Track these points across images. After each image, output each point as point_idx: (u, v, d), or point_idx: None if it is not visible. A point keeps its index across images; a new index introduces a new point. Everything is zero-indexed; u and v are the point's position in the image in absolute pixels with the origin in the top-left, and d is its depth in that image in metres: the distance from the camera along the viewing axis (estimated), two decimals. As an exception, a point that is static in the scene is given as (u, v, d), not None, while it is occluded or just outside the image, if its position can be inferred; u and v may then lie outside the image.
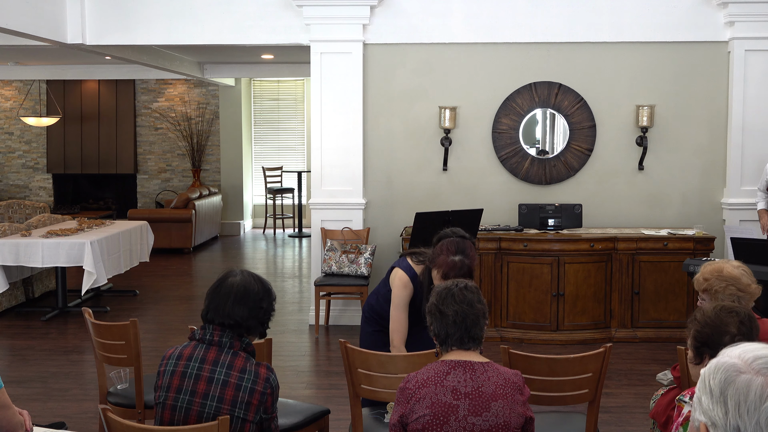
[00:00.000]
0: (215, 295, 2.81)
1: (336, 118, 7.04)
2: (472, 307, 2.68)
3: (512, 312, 6.61)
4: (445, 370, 2.62)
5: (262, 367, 2.77)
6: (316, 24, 6.94)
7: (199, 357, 2.77)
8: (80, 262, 7.21)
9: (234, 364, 2.74)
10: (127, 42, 7.40)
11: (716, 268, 3.46)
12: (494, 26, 6.98)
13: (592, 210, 7.07)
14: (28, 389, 5.46)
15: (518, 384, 2.64)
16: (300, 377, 5.81)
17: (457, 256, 3.48)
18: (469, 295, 2.71)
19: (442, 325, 2.69)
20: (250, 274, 2.87)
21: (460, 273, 3.46)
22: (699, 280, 3.49)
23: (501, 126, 7.07)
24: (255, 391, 2.72)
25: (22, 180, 13.80)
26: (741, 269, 3.45)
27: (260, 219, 13.84)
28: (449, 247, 3.51)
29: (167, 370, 2.80)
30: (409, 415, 2.60)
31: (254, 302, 2.80)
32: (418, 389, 2.61)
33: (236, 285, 2.81)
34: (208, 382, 2.73)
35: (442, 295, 2.72)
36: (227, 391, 2.71)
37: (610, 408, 5.04)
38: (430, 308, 2.74)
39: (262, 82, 13.72)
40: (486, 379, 2.61)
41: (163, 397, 2.79)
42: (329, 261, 6.87)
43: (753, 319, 2.64)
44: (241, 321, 2.78)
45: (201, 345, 2.80)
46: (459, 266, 3.47)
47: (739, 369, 1.42)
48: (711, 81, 6.97)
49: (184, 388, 2.75)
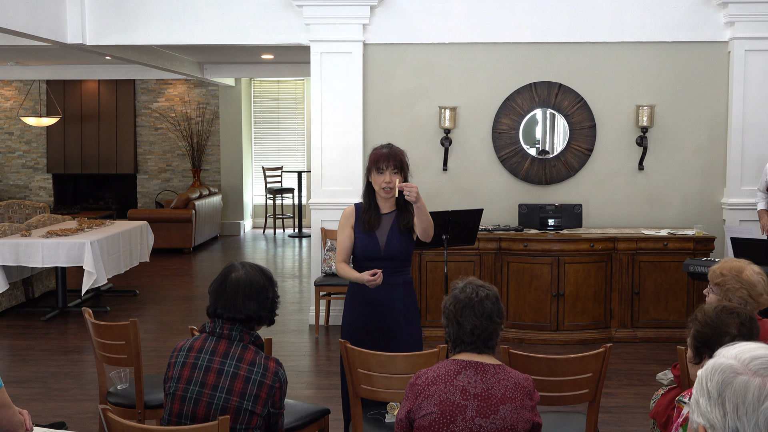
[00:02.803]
0: (221, 292, 2.84)
1: (336, 118, 7.04)
2: (491, 321, 2.64)
3: (512, 312, 6.61)
4: (456, 369, 2.61)
5: (272, 360, 2.81)
6: (316, 24, 6.94)
7: (210, 349, 2.81)
8: (80, 262, 7.21)
9: (244, 357, 2.78)
10: (127, 42, 7.40)
11: (737, 267, 3.41)
12: (494, 26, 6.98)
13: (592, 210, 7.07)
14: (28, 389, 5.46)
15: (528, 389, 2.63)
16: (300, 377, 5.81)
17: (384, 148, 3.88)
18: (489, 306, 2.65)
19: (457, 334, 2.65)
20: (252, 266, 2.90)
21: (390, 157, 3.81)
22: (716, 272, 3.44)
23: (501, 126, 7.07)
24: (264, 384, 2.75)
25: (22, 180, 13.80)
26: (760, 277, 3.40)
27: (260, 219, 13.84)
28: (376, 147, 3.94)
29: (178, 361, 2.83)
30: (417, 411, 2.60)
31: (261, 294, 2.84)
32: (428, 386, 2.60)
33: (242, 280, 2.83)
34: (218, 374, 2.76)
35: (461, 304, 2.66)
36: (236, 383, 2.74)
37: (610, 408, 5.04)
38: (447, 313, 2.69)
39: (262, 82, 13.72)
40: (496, 381, 2.59)
41: (173, 388, 2.82)
42: (329, 261, 6.87)
43: (754, 321, 2.63)
44: (252, 314, 2.82)
45: (211, 338, 2.84)
46: (387, 152, 3.84)
47: (736, 370, 1.42)
48: (711, 81, 6.97)
49: (194, 380, 2.78)
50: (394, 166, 3.81)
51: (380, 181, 3.82)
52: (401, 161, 3.85)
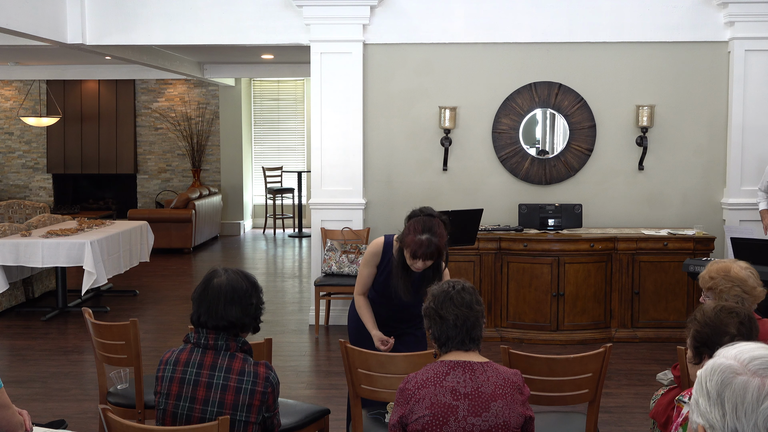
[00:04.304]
0: (203, 299, 2.77)
1: (336, 118, 7.04)
2: (471, 309, 2.69)
3: (512, 312, 6.61)
4: (444, 371, 2.63)
5: (261, 366, 2.76)
6: (316, 24, 6.94)
7: (197, 362, 2.75)
8: (80, 262, 7.21)
9: (232, 367, 2.72)
10: (127, 42, 7.40)
11: (723, 268, 3.43)
12: (494, 26, 6.98)
13: (592, 210, 7.07)
14: (28, 389, 5.46)
15: (518, 383, 2.65)
16: (300, 377, 5.81)
17: (424, 235, 3.49)
18: (467, 297, 2.71)
19: (442, 329, 2.69)
20: (234, 272, 2.84)
21: (428, 251, 3.49)
22: (705, 277, 3.47)
23: (501, 126, 7.07)
24: (256, 392, 2.71)
25: (22, 180, 13.80)
26: (749, 271, 3.42)
27: (260, 219, 13.84)
28: (416, 226, 3.53)
29: (165, 376, 2.78)
30: (409, 416, 2.61)
31: (244, 300, 2.78)
32: (418, 390, 2.61)
33: (224, 286, 2.77)
34: (207, 388, 2.71)
35: (440, 299, 2.71)
36: (227, 396, 2.70)
37: (610, 408, 5.04)
38: (428, 312, 2.73)
39: (262, 82, 13.72)
40: (485, 379, 2.61)
41: (163, 404, 2.77)
42: (329, 261, 6.88)
43: (753, 320, 2.64)
44: (235, 321, 2.76)
45: (197, 349, 2.77)
46: (426, 245, 3.48)
47: (735, 371, 1.42)
48: (711, 81, 6.97)
49: (184, 395, 2.73)
50: (430, 257, 3.53)
51: (411, 263, 3.58)
52: (440, 253, 3.55)
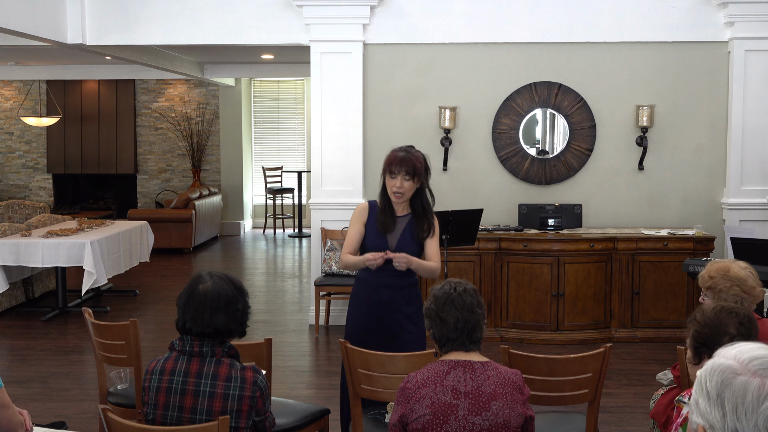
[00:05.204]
0: (189, 306, 2.72)
1: (336, 118, 7.04)
2: (472, 312, 2.68)
3: (512, 312, 6.61)
4: (444, 370, 2.63)
5: (248, 370, 2.70)
6: (316, 24, 6.94)
7: (182, 370, 2.70)
8: (80, 262, 7.21)
9: (219, 374, 2.68)
10: (127, 42, 7.40)
11: (723, 267, 3.44)
12: (494, 26, 6.98)
13: (592, 210, 7.07)
14: (28, 389, 5.46)
15: (518, 383, 2.65)
16: (300, 377, 5.81)
17: (401, 152, 3.76)
18: (468, 299, 2.70)
19: (442, 331, 2.69)
20: (220, 277, 2.78)
21: (404, 164, 3.71)
22: (704, 277, 3.47)
23: (501, 126, 7.07)
24: (244, 397, 2.66)
25: (22, 180, 13.80)
26: (748, 271, 3.43)
27: (260, 219, 13.84)
28: (394, 149, 3.85)
29: (152, 386, 2.73)
30: (409, 415, 2.61)
31: (231, 306, 2.72)
32: (418, 389, 2.61)
33: (209, 292, 2.71)
34: (194, 396, 2.67)
35: (441, 300, 2.71)
36: (215, 403, 2.66)
37: (610, 408, 5.04)
38: (429, 313, 2.73)
39: (262, 82, 13.72)
40: (486, 378, 2.61)
41: (151, 415, 2.73)
42: (329, 261, 6.87)
43: (753, 320, 2.64)
44: (221, 328, 2.70)
45: (183, 357, 2.73)
46: (402, 158, 3.72)
47: (735, 371, 1.42)
48: (711, 81, 6.97)
49: (171, 404, 2.69)
50: (406, 171, 3.71)
51: (391, 185, 3.75)
52: (415, 166, 3.73)
